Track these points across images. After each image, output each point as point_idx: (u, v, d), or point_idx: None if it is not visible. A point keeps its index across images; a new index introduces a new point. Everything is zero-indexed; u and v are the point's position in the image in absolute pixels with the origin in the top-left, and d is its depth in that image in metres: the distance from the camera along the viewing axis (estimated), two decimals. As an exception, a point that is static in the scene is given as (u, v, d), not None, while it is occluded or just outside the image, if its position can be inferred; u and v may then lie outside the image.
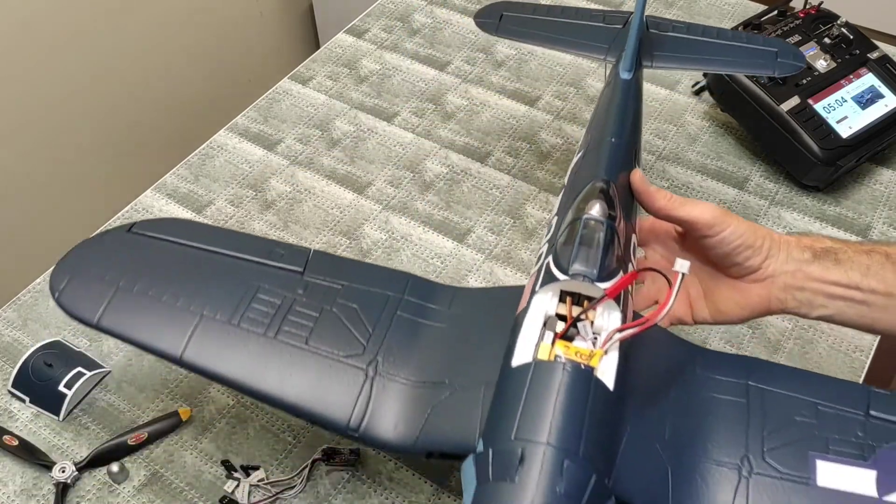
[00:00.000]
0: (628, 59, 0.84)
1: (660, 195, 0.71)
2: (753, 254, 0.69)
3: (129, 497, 0.79)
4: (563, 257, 0.65)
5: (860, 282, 0.68)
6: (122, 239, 0.75)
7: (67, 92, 1.56)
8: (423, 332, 0.70)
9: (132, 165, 1.70)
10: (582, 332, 0.62)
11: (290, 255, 0.74)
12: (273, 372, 0.67)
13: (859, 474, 0.61)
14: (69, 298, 0.72)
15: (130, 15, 1.62)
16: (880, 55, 1.10)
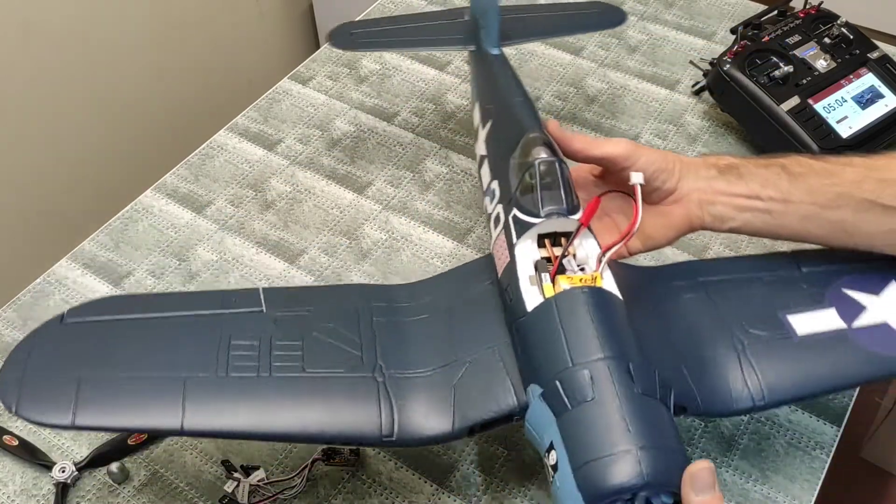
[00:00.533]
0: (494, 37, 0.94)
1: (576, 138, 0.75)
2: (668, 176, 0.74)
3: (129, 497, 0.79)
4: (528, 204, 0.70)
5: (760, 192, 0.73)
6: (59, 332, 0.67)
7: (67, 92, 1.56)
8: (408, 328, 0.71)
9: (132, 165, 1.70)
10: (568, 267, 0.67)
11: (243, 299, 0.71)
12: (285, 409, 0.64)
13: (824, 315, 0.72)
14: (30, 407, 0.62)
15: (130, 15, 1.62)
16: (880, 55, 1.10)
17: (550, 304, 0.63)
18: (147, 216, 1.05)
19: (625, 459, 0.53)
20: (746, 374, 0.68)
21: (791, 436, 0.82)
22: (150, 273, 0.98)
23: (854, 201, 0.71)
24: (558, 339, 0.60)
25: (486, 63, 0.93)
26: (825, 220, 0.73)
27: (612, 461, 0.53)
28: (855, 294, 0.73)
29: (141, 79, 1.70)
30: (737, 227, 0.75)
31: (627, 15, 1.09)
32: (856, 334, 0.70)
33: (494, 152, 0.80)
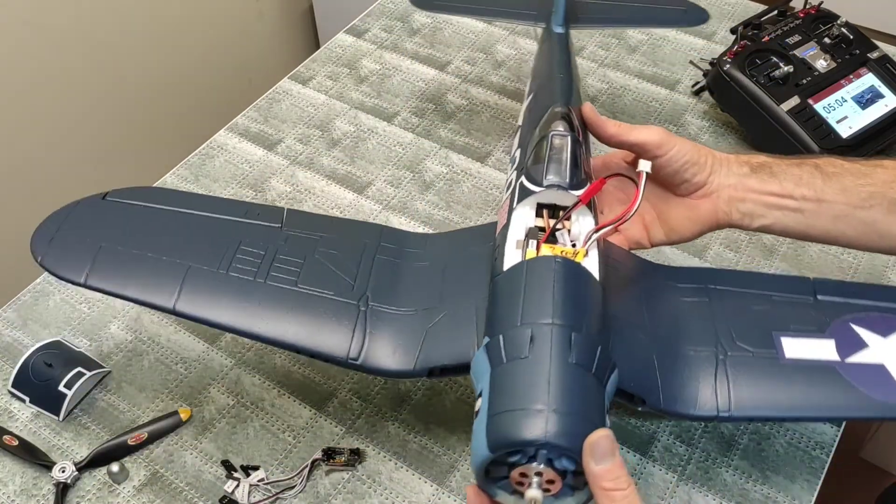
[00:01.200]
0: (560, 15, 0.97)
1: (610, 123, 0.75)
2: (699, 170, 0.74)
3: (129, 497, 0.79)
4: (535, 173, 0.71)
5: (793, 190, 0.73)
6: (98, 205, 0.78)
7: (67, 92, 1.56)
8: (405, 270, 0.74)
9: (132, 165, 1.70)
10: (560, 240, 0.68)
11: (266, 214, 0.78)
12: (268, 313, 0.70)
13: (820, 345, 0.69)
14: (54, 260, 0.72)
15: (130, 15, 1.62)
16: (880, 55, 1.10)
17: (522, 265, 0.65)
18: (147, 216, 1.04)
19: (534, 416, 0.54)
20: (719, 383, 0.67)
21: (791, 436, 0.82)
22: (150, 273, 0.98)
23: (886, 201, 0.71)
24: (517, 298, 0.62)
25: (550, 40, 0.96)
26: (857, 221, 0.72)
27: (522, 415, 0.54)
28: (862, 331, 0.70)
29: (141, 79, 1.70)
30: (767, 226, 0.75)
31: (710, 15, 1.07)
32: (846, 369, 0.68)
33: (526, 123, 0.82)
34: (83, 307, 0.94)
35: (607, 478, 0.51)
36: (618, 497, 0.51)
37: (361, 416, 0.84)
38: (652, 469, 0.80)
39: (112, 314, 0.94)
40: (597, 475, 0.52)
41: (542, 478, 0.54)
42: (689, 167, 0.73)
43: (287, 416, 0.84)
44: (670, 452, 0.81)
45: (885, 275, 0.96)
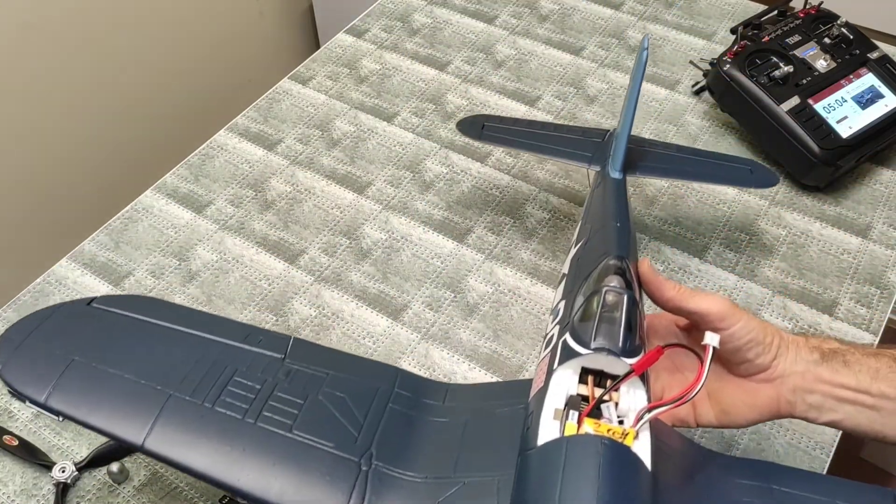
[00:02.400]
0: (619, 161, 0.86)
1: (668, 285, 0.67)
2: (763, 351, 0.65)
3: (129, 497, 0.79)
4: (582, 332, 0.61)
5: (870, 386, 0.65)
6: (81, 312, 0.68)
7: (67, 92, 1.56)
8: (419, 425, 0.64)
9: (132, 165, 1.70)
10: (605, 414, 0.57)
11: (269, 341, 0.68)
12: (253, 461, 0.59)
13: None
14: (14, 372, 0.62)
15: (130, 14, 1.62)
16: (880, 55, 1.10)
17: (561, 444, 0.54)
18: (147, 216, 1.05)
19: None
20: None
21: (791, 436, 0.82)
22: (150, 273, 0.98)
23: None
24: (553, 485, 0.52)
25: (605, 185, 0.87)
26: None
27: None
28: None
29: (141, 79, 1.70)
30: (836, 421, 0.66)
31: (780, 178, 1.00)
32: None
33: (574, 272, 0.73)
34: (83, 307, 0.94)
35: None
36: None
37: (361, 416, 0.84)
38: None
39: (112, 314, 0.94)
40: None
41: None
42: (752, 346, 0.65)
43: (287, 416, 0.84)
44: (670, 452, 0.80)
45: (885, 275, 0.96)
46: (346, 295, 0.95)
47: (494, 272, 0.97)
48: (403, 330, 0.92)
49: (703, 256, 0.98)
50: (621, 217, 0.78)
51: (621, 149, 0.86)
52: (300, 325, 0.92)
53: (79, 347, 0.64)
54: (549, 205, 1.05)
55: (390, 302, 0.94)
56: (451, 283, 0.96)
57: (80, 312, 0.68)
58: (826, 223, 1.02)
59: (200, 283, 0.97)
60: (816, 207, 1.04)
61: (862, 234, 1.01)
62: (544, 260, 0.99)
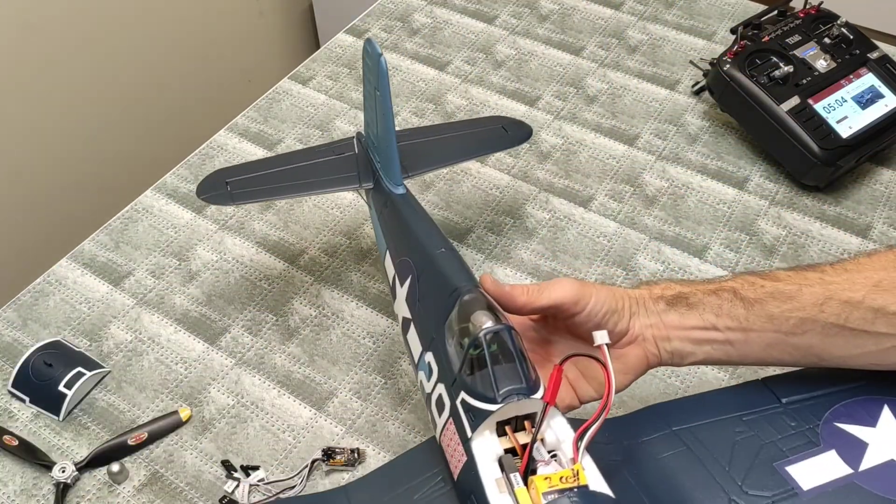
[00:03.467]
0: (396, 174, 0.81)
1: (517, 291, 0.66)
2: (620, 317, 0.67)
3: (129, 497, 0.79)
4: (481, 387, 0.58)
5: (716, 322, 0.67)
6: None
7: (67, 92, 1.56)
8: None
9: (132, 165, 1.70)
10: (537, 455, 0.56)
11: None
12: None
13: (825, 461, 0.63)
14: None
15: (130, 14, 1.62)
16: (880, 55, 1.10)
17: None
18: (147, 216, 1.05)
19: None
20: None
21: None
22: (150, 273, 0.98)
23: (819, 326, 0.65)
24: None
25: (391, 205, 0.80)
26: (791, 347, 0.67)
27: None
28: (850, 428, 0.66)
29: (141, 79, 1.70)
30: (699, 361, 0.69)
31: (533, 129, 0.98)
32: (865, 479, 0.62)
33: (422, 316, 0.69)
34: (83, 307, 0.94)
35: None
36: None
37: (361, 416, 0.84)
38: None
39: (112, 314, 0.94)
40: None
41: None
42: (610, 316, 0.66)
43: (287, 416, 0.84)
44: (670, 452, 0.80)
45: (885, 275, 0.96)
46: (346, 295, 0.95)
47: (495, 272, 0.97)
48: (403, 330, 0.92)
49: (703, 256, 0.98)
50: (440, 240, 0.73)
51: (394, 160, 0.80)
52: (300, 325, 0.92)
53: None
54: (549, 205, 1.05)
55: (391, 302, 0.94)
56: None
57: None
58: (826, 223, 1.02)
59: (200, 283, 0.97)
60: (816, 207, 1.04)
61: (862, 234, 1.01)
62: (544, 260, 0.99)
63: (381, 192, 0.83)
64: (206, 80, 1.84)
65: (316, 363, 0.89)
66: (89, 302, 0.95)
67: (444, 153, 0.93)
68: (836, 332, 0.65)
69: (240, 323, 0.93)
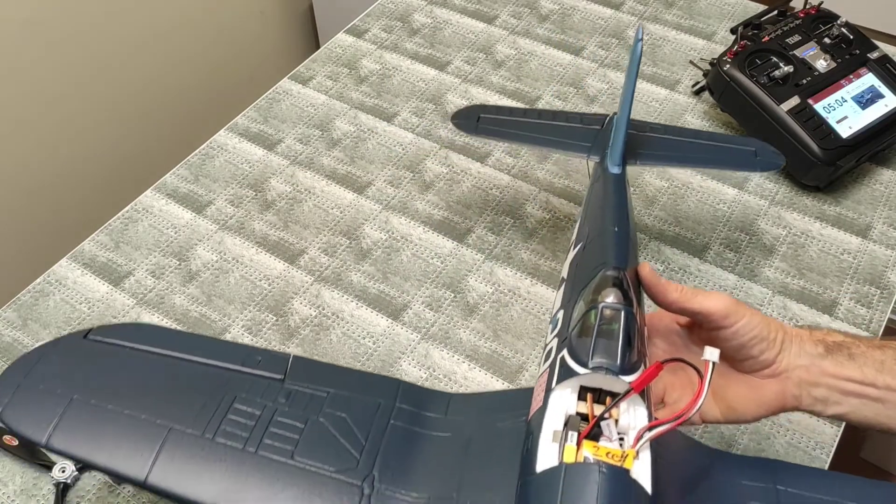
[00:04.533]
0: (617, 155, 0.83)
1: (671, 287, 0.66)
2: (768, 347, 0.65)
3: (129, 497, 0.79)
4: (580, 350, 0.60)
5: (875, 378, 0.64)
6: (78, 346, 0.68)
7: (66, 92, 1.56)
8: (422, 442, 0.64)
9: (132, 165, 1.70)
10: (606, 432, 0.57)
11: (267, 362, 0.67)
12: (255, 492, 0.59)
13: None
14: (14, 415, 0.62)
15: (130, 14, 1.62)
16: (880, 55, 1.10)
17: (559, 473, 0.54)
18: (147, 216, 1.05)
19: None
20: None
21: (791, 436, 0.82)
22: (150, 273, 0.98)
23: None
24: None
25: (603, 180, 0.84)
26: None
27: None
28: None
29: (141, 78, 1.70)
30: (842, 414, 0.66)
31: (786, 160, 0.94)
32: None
33: (572, 279, 0.72)
34: (83, 307, 0.94)
35: None
36: None
37: (361, 416, 0.84)
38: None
39: (112, 314, 0.94)
40: None
41: None
42: (757, 343, 0.65)
43: (287, 416, 0.84)
44: (670, 452, 0.80)
45: (885, 275, 0.96)
46: (346, 295, 0.95)
47: (494, 272, 0.97)
48: (404, 330, 0.92)
49: (703, 256, 0.98)
50: (620, 220, 0.75)
51: (619, 141, 0.83)
52: (300, 325, 0.92)
53: (77, 385, 0.64)
54: (549, 205, 1.05)
55: (390, 302, 0.95)
56: (451, 283, 0.96)
57: (76, 346, 0.67)
58: (826, 223, 1.02)
59: (200, 283, 0.97)
60: (816, 207, 1.04)
61: (862, 234, 1.01)
62: (544, 260, 0.99)
63: (601, 167, 0.86)
64: (206, 79, 1.84)
65: (316, 363, 0.89)
66: (89, 302, 0.95)
67: (680, 154, 0.93)
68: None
69: (239, 323, 0.93)
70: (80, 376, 0.65)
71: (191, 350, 0.68)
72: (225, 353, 0.68)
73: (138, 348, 0.67)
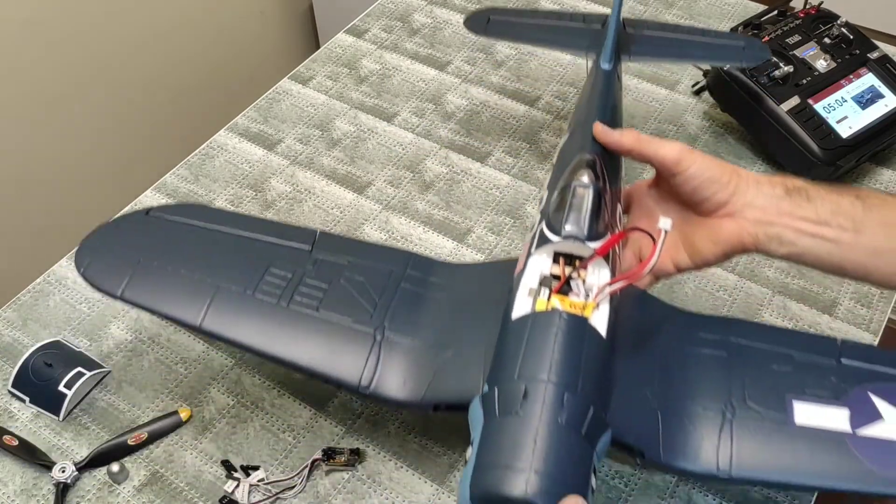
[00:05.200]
0: (608, 52, 0.90)
1: (626, 135, 0.74)
2: (720, 188, 0.70)
3: (129, 497, 0.79)
4: (555, 221, 0.71)
5: (830, 219, 0.68)
6: (140, 221, 0.81)
7: (67, 92, 1.56)
8: (426, 302, 0.76)
9: (132, 165, 1.70)
10: (575, 289, 0.68)
11: (297, 235, 0.80)
12: (287, 337, 0.73)
13: (833, 413, 0.67)
14: (94, 274, 0.76)
15: (130, 14, 1.62)
16: (880, 55, 1.10)
17: (528, 319, 0.65)
18: (147, 216, 1.04)
19: (516, 475, 0.56)
20: (722, 442, 0.66)
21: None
22: (150, 273, 0.98)
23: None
24: (518, 351, 0.63)
25: (594, 76, 0.91)
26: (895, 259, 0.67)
27: (504, 472, 0.56)
28: (880, 402, 0.67)
29: (141, 78, 1.70)
30: (796, 254, 0.70)
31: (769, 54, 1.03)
32: (857, 442, 0.66)
33: (558, 164, 0.80)
34: (83, 307, 0.94)
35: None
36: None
37: (361, 416, 0.84)
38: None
39: (112, 314, 0.94)
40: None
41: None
42: (709, 185, 0.70)
43: (287, 416, 0.85)
44: (670, 452, 0.80)
45: (885, 275, 0.96)
46: (346, 295, 0.95)
47: (494, 272, 0.97)
48: (403, 330, 0.92)
49: (703, 256, 0.98)
50: (604, 111, 0.84)
51: (610, 38, 0.91)
52: (300, 325, 0.92)
53: (143, 251, 0.78)
54: (549, 205, 1.05)
55: (390, 302, 0.95)
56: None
57: (140, 221, 0.81)
58: (826, 223, 1.02)
59: (200, 283, 0.97)
60: (816, 207, 1.04)
61: (862, 234, 1.01)
62: (544, 260, 0.99)
63: (596, 64, 0.93)
64: (206, 79, 1.84)
65: (316, 363, 0.89)
66: (89, 302, 0.95)
67: (672, 49, 1.01)
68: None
69: (240, 323, 0.93)
70: (144, 244, 0.78)
71: (235, 225, 0.81)
72: (263, 228, 0.81)
73: (192, 223, 0.80)
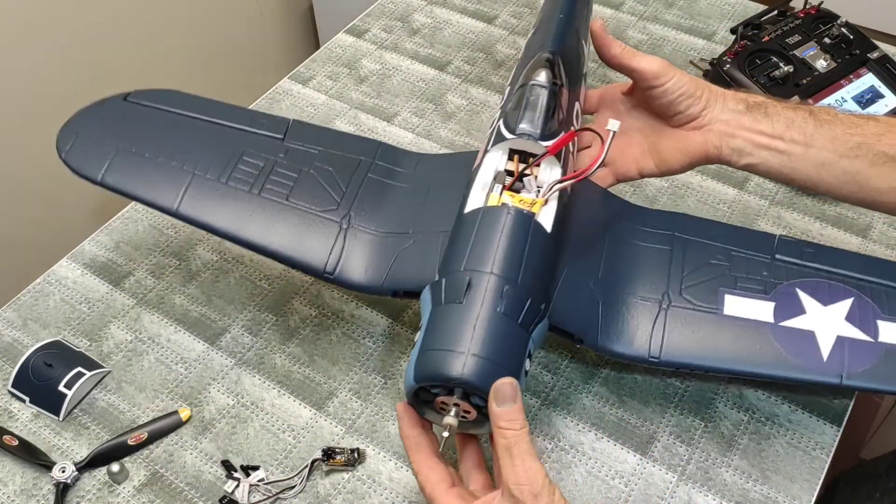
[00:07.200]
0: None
1: (616, 44, 0.77)
2: (694, 102, 0.76)
3: (129, 497, 0.79)
4: (511, 119, 0.75)
5: (783, 133, 0.75)
6: (120, 107, 0.84)
7: (67, 92, 1.56)
8: (390, 191, 0.79)
9: (132, 165, 1.70)
10: (527, 185, 0.72)
11: (271, 124, 0.83)
12: (258, 223, 0.77)
13: (760, 305, 0.73)
14: (74, 158, 0.80)
15: (130, 14, 1.62)
16: (880, 55, 1.10)
17: (479, 212, 0.70)
18: (148, 216, 1.04)
19: (455, 357, 0.62)
20: (655, 330, 0.72)
21: (791, 436, 0.82)
22: (150, 273, 0.98)
23: (871, 153, 0.74)
24: (466, 243, 0.68)
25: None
26: (840, 170, 0.74)
27: (445, 355, 0.62)
28: (804, 297, 0.74)
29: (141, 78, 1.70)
30: (753, 164, 0.77)
31: None
32: (777, 332, 0.72)
33: (522, 60, 0.84)
34: (83, 307, 0.94)
35: (504, 418, 0.60)
36: (509, 435, 0.60)
37: (361, 416, 0.84)
38: (652, 469, 0.80)
39: (112, 314, 0.94)
40: (496, 414, 0.60)
41: (459, 408, 0.63)
42: (684, 99, 0.76)
43: (287, 416, 0.85)
44: (670, 452, 0.81)
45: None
46: (346, 295, 0.95)
47: (494, 272, 0.97)
48: (404, 330, 0.92)
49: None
50: (567, 7, 0.88)
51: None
52: (300, 325, 0.92)
53: (122, 138, 0.81)
54: (549, 205, 1.05)
55: (391, 303, 0.94)
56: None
57: (118, 107, 0.84)
58: (826, 223, 1.02)
59: (200, 282, 0.97)
60: (816, 207, 1.04)
61: (862, 234, 1.01)
62: (544, 260, 0.99)
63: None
64: (206, 79, 1.84)
65: (316, 363, 0.89)
66: (89, 302, 0.95)
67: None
68: (884, 161, 0.74)
69: (240, 323, 0.93)
70: (123, 131, 0.81)
71: (209, 113, 0.83)
72: (237, 116, 0.84)
73: (169, 110, 0.83)
